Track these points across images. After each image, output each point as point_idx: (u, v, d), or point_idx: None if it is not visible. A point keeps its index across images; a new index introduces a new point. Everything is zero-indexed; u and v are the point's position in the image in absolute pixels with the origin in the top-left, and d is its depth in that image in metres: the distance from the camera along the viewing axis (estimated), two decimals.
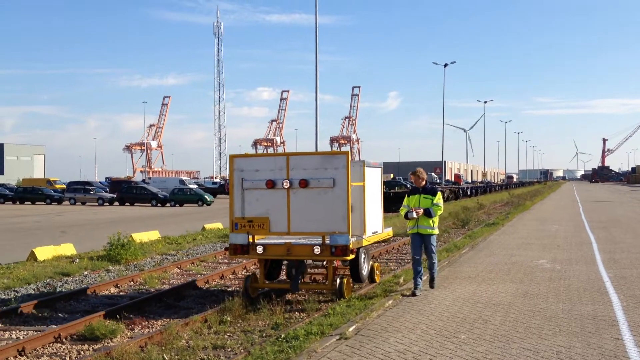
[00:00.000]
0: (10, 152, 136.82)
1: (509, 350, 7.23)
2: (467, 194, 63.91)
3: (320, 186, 10.56)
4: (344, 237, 10.41)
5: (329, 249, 10.44)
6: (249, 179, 10.92)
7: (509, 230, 22.95)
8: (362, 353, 7.22)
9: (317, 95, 39.87)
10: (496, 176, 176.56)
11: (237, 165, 11.09)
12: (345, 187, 10.46)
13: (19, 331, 9.79)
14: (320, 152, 11.24)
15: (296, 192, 10.68)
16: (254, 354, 7.42)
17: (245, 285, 11.18)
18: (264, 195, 10.84)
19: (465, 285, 11.44)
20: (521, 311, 9.27)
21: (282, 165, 10.81)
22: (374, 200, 12.08)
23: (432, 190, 10.93)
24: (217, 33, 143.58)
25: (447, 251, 16.99)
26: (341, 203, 10.48)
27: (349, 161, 10.53)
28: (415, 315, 9.11)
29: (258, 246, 10.83)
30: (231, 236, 11.08)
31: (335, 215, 10.49)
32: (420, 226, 10.80)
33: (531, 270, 13.14)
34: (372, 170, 11.99)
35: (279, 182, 10.73)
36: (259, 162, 11.16)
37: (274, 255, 11.00)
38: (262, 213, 10.85)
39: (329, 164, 10.61)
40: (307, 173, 10.66)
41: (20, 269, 15.31)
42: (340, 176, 10.50)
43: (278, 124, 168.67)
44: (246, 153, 11.27)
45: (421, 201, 10.80)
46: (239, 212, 10.97)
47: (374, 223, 11.96)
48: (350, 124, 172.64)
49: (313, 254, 10.62)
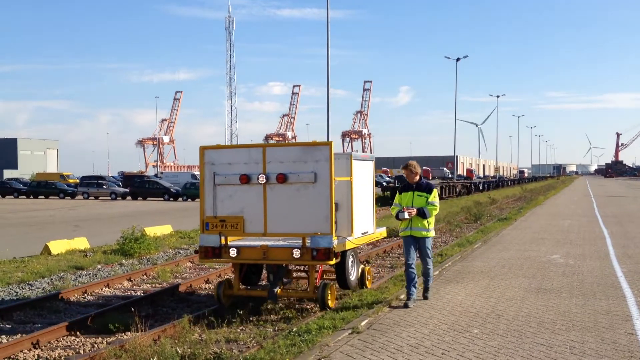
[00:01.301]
0: (23, 147, 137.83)
1: (522, 345, 7.21)
2: (479, 188, 63.73)
3: (300, 181, 9.53)
4: (326, 239, 9.32)
5: (310, 252, 9.36)
6: (222, 174, 9.90)
7: (522, 225, 22.85)
8: (375, 347, 7.23)
9: (329, 89, 39.82)
10: (509, 171, 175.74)
11: (208, 158, 10.04)
12: (328, 183, 9.41)
13: (32, 324, 9.88)
14: (299, 143, 10.13)
15: (273, 188, 9.66)
16: (266, 348, 7.44)
17: (217, 292, 10.10)
18: (238, 191, 9.82)
19: (478, 280, 11.41)
20: (534, 306, 9.24)
21: (258, 158, 9.76)
22: (364, 197, 10.94)
23: (427, 187, 9.60)
24: (229, 28, 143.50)
25: (459, 246, 16.96)
26: (323, 200, 9.43)
27: (331, 153, 9.44)
28: (427, 309, 9.10)
29: (231, 249, 9.77)
30: (201, 237, 10.06)
31: (316, 214, 9.44)
32: (414, 227, 9.50)
33: (544, 265, 13.08)
34: (361, 164, 10.86)
35: (254, 177, 9.69)
36: (232, 154, 10.05)
37: (249, 259, 9.89)
38: (236, 212, 9.82)
39: (309, 157, 9.53)
40: (286, 167, 9.62)
41: (34, 262, 15.44)
42: (322, 170, 9.44)
43: (289, 119, 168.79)
44: (218, 144, 10.21)
45: (414, 199, 9.51)
46: (210, 211, 9.96)
47: (363, 222, 10.84)
48: (362, 118, 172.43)
49: (292, 258, 9.51)
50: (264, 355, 7.08)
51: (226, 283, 10.25)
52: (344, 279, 10.62)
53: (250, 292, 10.38)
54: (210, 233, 9.89)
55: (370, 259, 15.81)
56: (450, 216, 28.55)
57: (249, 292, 10.40)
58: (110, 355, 7.40)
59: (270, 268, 10.28)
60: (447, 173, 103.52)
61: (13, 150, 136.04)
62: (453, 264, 13.46)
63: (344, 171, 10.24)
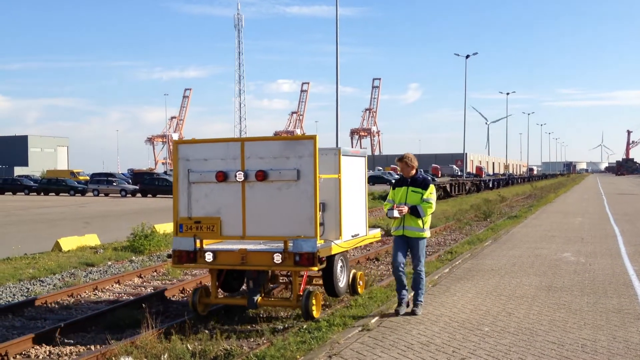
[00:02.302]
0: (34, 144, 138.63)
1: (533, 344, 7.18)
2: (488, 186, 63.49)
3: (282, 179, 8.74)
4: (310, 243, 8.54)
5: (292, 257, 8.59)
6: (197, 171, 9.11)
7: (532, 223, 22.76)
8: (385, 345, 7.22)
9: (338, 87, 39.78)
10: (518, 168, 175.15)
11: (182, 153, 9.26)
12: (312, 181, 8.60)
13: (44, 320, 9.93)
14: (281, 137, 9.28)
15: (253, 186, 8.87)
16: (276, 345, 7.44)
17: (192, 300, 9.35)
18: (214, 190, 9.05)
19: (488, 278, 11.37)
20: (545, 304, 9.19)
21: (236, 153, 8.96)
22: (355, 196, 10.11)
23: (423, 183, 8.72)
24: (238, 25, 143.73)
25: (469, 243, 16.91)
26: (307, 200, 8.62)
27: (316, 148, 8.63)
28: (437, 307, 9.07)
29: (207, 253, 8.98)
30: (175, 241, 9.24)
31: (300, 215, 8.66)
32: (407, 227, 8.63)
33: (555, 263, 13.02)
34: (351, 160, 10.01)
35: (231, 174, 8.90)
36: (207, 149, 9.20)
37: (226, 265, 9.10)
38: (212, 212, 9.04)
39: (291, 152, 8.74)
40: (266, 163, 8.83)
41: (45, 259, 15.53)
42: (305, 166, 8.64)
43: (298, 116, 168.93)
44: (193, 138, 9.46)
45: (408, 195, 8.65)
46: (184, 212, 9.16)
47: (354, 224, 10.05)
48: (371, 116, 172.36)
49: (273, 264, 8.71)
50: (275, 352, 7.09)
51: (203, 290, 9.49)
52: (331, 285, 9.77)
53: (229, 300, 9.66)
54: (184, 236, 9.12)
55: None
56: (459, 214, 28.48)
57: (228, 300, 9.68)
58: (121, 352, 7.43)
59: (249, 274, 9.28)
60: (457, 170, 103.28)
61: (24, 147, 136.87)
62: (463, 262, 13.42)
63: (331, 168, 9.53)
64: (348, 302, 9.81)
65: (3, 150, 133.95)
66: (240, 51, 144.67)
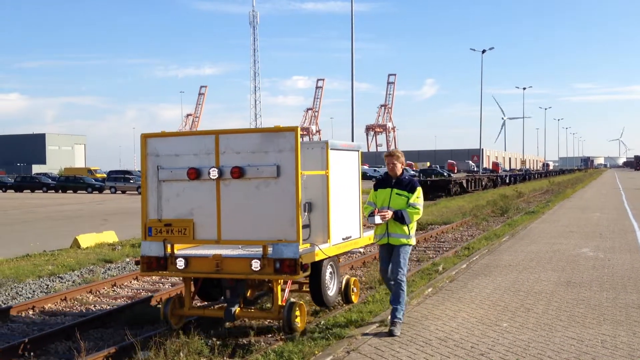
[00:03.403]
0: (51, 142, 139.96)
1: (552, 339, 7.14)
2: (505, 181, 63.14)
3: (260, 176, 7.87)
4: (291, 248, 7.67)
5: (272, 263, 7.73)
6: (167, 167, 8.28)
7: (550, 219, 22.61)
8: (403, 340, 7.21)
9: (353, 83, 39.76)
10: (535, 164, 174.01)
11: (151, 148, 8.39)
12: (294, 178, 7.74)
13: (63, 316, 10.03)
14: (259, 129, 8.39)
15: (228, 184, 8.02)
16: (295, 340, 7.46)
17: (164, 311, 8.42)
18: (187, 189, 8.20)
19: (506, 274, 11.32)
20: (564, 300, 9.14)
21: (210, 148, 8.13)
22: (347, 195, 9.25)
23: (409, 185, 7.70)
24: (253, 22, 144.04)
25: (486, 239, 16.84)
26: (288, 200, 7.77)
27: (297, 140, 7.74)
28: (455, 303, 9.04)
29: (178, 259, 8.11)
30: (143, 246, 8.38)
31: (280, 216, 7.81)
32: (392, 234, 7.69)
33: (573, 259, 12.93)
34: (341, 155, 9.17)
35: (204, 171, 8.06)
36: (179, 143, 8.37)
37: (200, 272, 8.19)
38: (184, 214, 8.19)
39: (271, 145, 7.87)
40: (243, 158, 7.97)
41: (64, 255, 15.68)
42: (286, 162, 7.77)
43: (313, 113, 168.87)
44: (163, 131, 8.53)
45: (392, 199, 7.66)
46: (154, 213, 8.33)
47: (345, 226, 9.16)
48: (386, 112, 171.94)
49: (251, 271, 7.80)
50: (293, 348, 7.11)
51: (176, 300, 8.59)
52: (319, 294, 8.96)
53: (205, 312, 8.89)
54: (154, 240, 8.25)
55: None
56: (476, 209, 28.35)
57: (204, 311, 8.94)
58: (139, 347, 7.48)
59: (226, 283, 8.39)
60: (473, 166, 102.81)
61: (41, 145, 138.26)
62: (481, 258, 13.37)
63: (318, 163, 8.72)
64: (365, 298, 9.79)
65: (21, 148, 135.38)
66: (256, 48, 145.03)
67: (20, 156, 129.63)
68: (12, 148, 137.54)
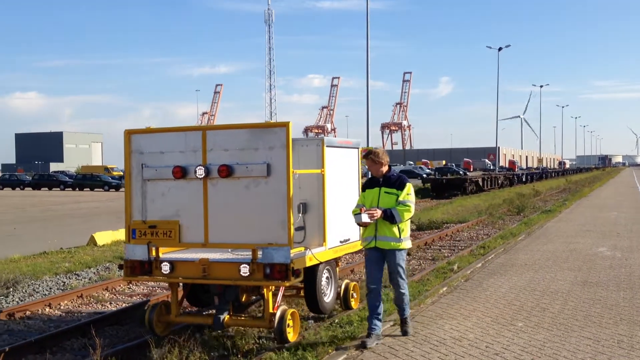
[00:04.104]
0: (69, 141, 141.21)
1: (568, 339, 7.08)
2: (522, 180, 62.78)
3: (250, 175, 7.39)
4: (282, 252, 7.18)
5: (262, 269, 7.25)
6: (152, 165, 7.81)
7: (567, 217, 22.43)
8: (417, 339, 7.18)
9: (368, 81, 39.70)
10: (552, 162, 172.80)
11: (135, 145, 7.94)
12: (285, 177, 7.25)
13: (80, 313, 10.11)
14: (248, 125, 7.70)
15: (216, 184, 7.55)
16: (308, 338, 7.47)
17: (148, 318, 7.97)
18: (172, 189, 7.74)
19: (522, 273, 11.24)
20: (580, 299, 9.06)
21: (197, 145, 7.65)
22: (345, 195, 8.66)
23: (398, 182, 7.21)
24: (268, 20, 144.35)
25: (502, 238, 16.75)
26: (279, 200, 7.27)
27: (289, 137, 7.26)
28: (470, 302, 9.00)
29: (164, 263, 7.66)
30: (126, 249, 7.98)
31: (270, 218, 7.31)
32: (380, 237, 7.12)
33: (590, 258, 12.82)
34: (339, 152, 8.65)
35: (191, 170, 7.58)
36: (164, 140, 7.88)
37: (186, 277, 7.73)
38: (170, 215, 7.72)
39: (261, 142, 7.38)
40: (231, 156, 7.50)
41: (81, 253, 15.81)
42: (277, 160, 7.30)
43: (328, 111, 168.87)
44: (148, 127, 8.08)
45: (381, 198, 7.17)
46: (138, 214, 7.89)
47: (343, 227, 8.56)
48: (401, 110, 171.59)
49: (239, 277, 7.33)
50: (306, 346, 7.10)
51: (162, 306, 8.13)
52: (314, 301, 8.48)
53: (193, 319, 8.39)
54: (138, 243, 7.82)
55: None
56: (492, 208, 28.21)
57: (191, 318, 8.42)
58: (157, 344, 7.51)
59: (214, 289, 7.92)
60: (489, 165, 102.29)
61: (59, 143, 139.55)
62: (496, 257, 13.29)
63: (313, 161, 8.27)
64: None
65: (39, 146, 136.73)
66: (271, 46, 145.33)
67: (38, 154, 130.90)
68: (30, 146, 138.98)
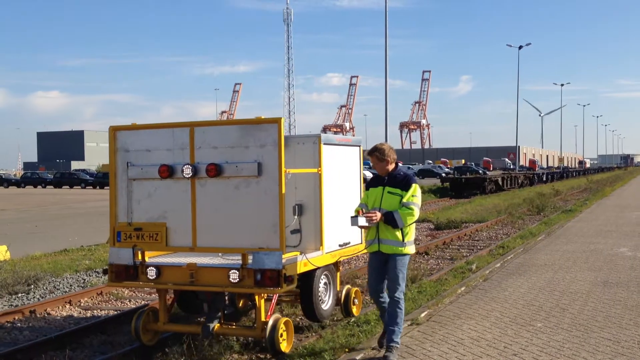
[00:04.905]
0: (90, 139, 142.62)
1: (588, 340, 7.01)
2: (542, 179, 62.29)
3: (240, 174, 6.97)
4: (273, 257, 6.75)
5: (253, 275, 6.81)
6: (137, 164, 7.41)
7: (587, 217, 22.21)
8: (435, 339, 7.16)
9: (387, 81, 39.58)
10: (573, 161, 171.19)
11: (120, 142, 7.53)
12: (277, 176, 6.81)
13: (99, 310, 10.20)
14: (238, 121, 7.33)
15: (204, 184, 7.12)
16: (325, 337, 7.47)
17: (134, 325, 7.56)
18: (159, 189, 7.32)
19: (541, 273, 11.15)
20: (600, 300, 8.96)
21: (184, 142, 7.23)
22: (345, 196, 8.17)
23: (404, 181, 6.60)
24: (287, 20, 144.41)
25: (521, 238, 16.64)
26: (270, 202, 6.83)
27: (281, 134, 6.82)
28: (488, 302, 8.94)
29: (150, 268, 7.24)
30: (111, 252, 7.60)
31: (261, 221, 6.88)
32: (383, 240, 6.60)
33: (611, 259, 12.68)
34: (338, 151, 8.15)
35: (178, 169, 7.16)
36: (151, 136, 7.44)
37: (173, 283, 7.29)
38: (156, 217, 7.33)
39: (251, 139, 6.95)
40: (220, 154, 7.08)
41: (101, 250, 15.95)
42: (269, 158, 6.86)
43: (347, 110, 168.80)
44: (133, 123, 7.61)
45: (384, 198, 6.60)
46: (123, 216, 7.49)
47: (343, 230, 7.97)
48: (420, 109, 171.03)
49: (229, 283, 6.90)
50: (323, 345, 7.11)
51: (150, 313, 7.71)
52: (310, 308, 7.96)
53: (181, 328, 7.83)
54: (123, 246, 7.45)
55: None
56: (511, 208, 28.01)
57: (179, 327, 7.88)
58: (173, 342, 7.56)
59: (203, 296, 7.50)
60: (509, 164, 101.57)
61: (80, 142, 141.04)
62: (515, 256, 13.20)
63: (309, 160, 7.78)
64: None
65: (61, 145, 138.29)
66: (290, 45, 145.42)
67: (59, 153, 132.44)
68: (52, 145, 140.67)
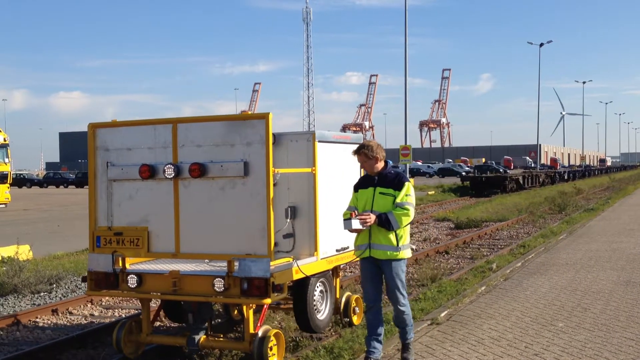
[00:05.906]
0: None
1: (610, 340, 6.92)
2: (564, 178, 61.66)
3: (225, 175, 6.43)
4: (260, 265, 6.22)
5: (239, 283, 6.29)
6: (118, 164, 6.88)
7: (610, 216, 21.96)
8: (455, 339, 7.11)
9: (407, 78, 39.47)
10: (595, 160, 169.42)
11: (100, 141, 7.00)
12: (265, 177, 6.27)
13: (120, 309, 10.29)
14: (224, 117, 6.68)
15: (188, 185, 6.59)
16: (345, 337, 7.46)
17: (116, 336, 7.02)
18: (140, 190, 6.80)
19: (563, 273, 11.04)
20: (623, 300, 8.85)
21: (167, 140, 6.69)
22: (342, 197, 7.18)
23: (395, 180, 6.20)
24: (306, 19, 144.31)
25: (543, 237, 16.48)
26: (257, 204, 6.30)
27: (269, 130, 6.28)
28: (509, 302, 8.87)
29: (130, 276, 6.74)
30: (90, 259, 7.00)
31: (248, 225, 6.35)
32: (375, 244, 6.18)
33: (634, 258, 12.52)
34: (334, 149, 7.57)
35: (160, 169, 6.62)
36: (131, 134, 6.92)
37: (155, 292, 6.82)
38: (137, 221, 6.80)
39: (238, 137, 6.42)
40: (205, 153, 6.55)
41: None
42: (256, 157, 6.32)
43: (366, 109, 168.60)
44: (114, 120, 7.12)
45: (375, 200, 6.20)
46: (103, 219, 6.94)
47: (340, 235, 6.99)
48: (440, 107, 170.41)
49: (214, 292, 6.37)
50: (343, 345, 7.09)
51: (133, 324, 7.19)
52: (304, 318, 7.42)
53: (165, 340, 7.40)
54: (102, 252, 6.89)
55: None
56: (532, 206, 27.77)
57: (163, 338, 7.44)
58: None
59: (188, 306, 6.94)
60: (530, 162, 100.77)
61: None
62: (537, 256, 13.08)
63: (302, 158, 7.28)
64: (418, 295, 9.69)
65: (82, 145, 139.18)
66: (309, 44, 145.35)
67: (81, 153, 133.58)
68: (74, 145, 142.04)
